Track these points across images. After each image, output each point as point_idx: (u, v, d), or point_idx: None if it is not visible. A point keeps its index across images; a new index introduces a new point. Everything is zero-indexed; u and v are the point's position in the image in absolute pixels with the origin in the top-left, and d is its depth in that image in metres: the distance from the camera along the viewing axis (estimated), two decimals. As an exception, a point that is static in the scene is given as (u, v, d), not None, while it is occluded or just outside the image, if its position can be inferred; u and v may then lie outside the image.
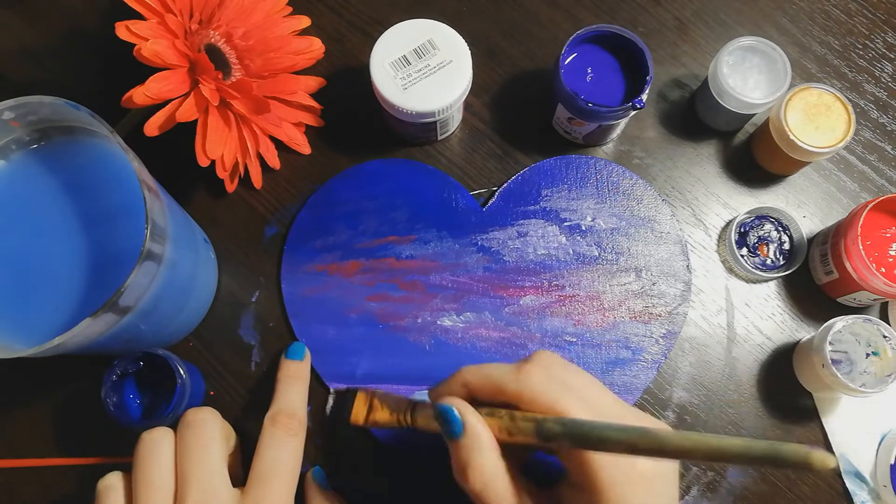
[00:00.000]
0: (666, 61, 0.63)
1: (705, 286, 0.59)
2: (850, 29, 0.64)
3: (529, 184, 0.59)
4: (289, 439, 0.47)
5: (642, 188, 0.59)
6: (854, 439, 0.55)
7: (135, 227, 0.45)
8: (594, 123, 0.56)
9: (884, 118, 0.62)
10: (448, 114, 0.55)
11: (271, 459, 0.46)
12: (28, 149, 0.49)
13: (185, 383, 0.51)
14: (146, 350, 0.51)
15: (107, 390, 0.50)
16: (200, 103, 0.49)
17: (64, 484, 0.55)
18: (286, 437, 0.47)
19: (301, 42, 0.57)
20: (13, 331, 0.46)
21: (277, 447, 0.46)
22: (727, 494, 0.55)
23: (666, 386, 0.57)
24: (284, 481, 0.46)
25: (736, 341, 0.58)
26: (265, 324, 0.58)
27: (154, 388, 0.52)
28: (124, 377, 0.52)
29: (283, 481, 0.45)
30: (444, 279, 0.58)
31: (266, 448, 0.46)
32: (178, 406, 0.50)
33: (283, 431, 0.47)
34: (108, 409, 0.50)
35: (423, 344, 0.57)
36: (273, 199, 0.60)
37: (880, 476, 0.54)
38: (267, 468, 0.45)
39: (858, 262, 0.52)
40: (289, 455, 0.47)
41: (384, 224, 0.59)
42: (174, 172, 0.56)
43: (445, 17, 0.56)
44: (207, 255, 0.56)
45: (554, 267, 0.58)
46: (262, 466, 0.45)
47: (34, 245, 0.48)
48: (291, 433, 0.47)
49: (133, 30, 0.47)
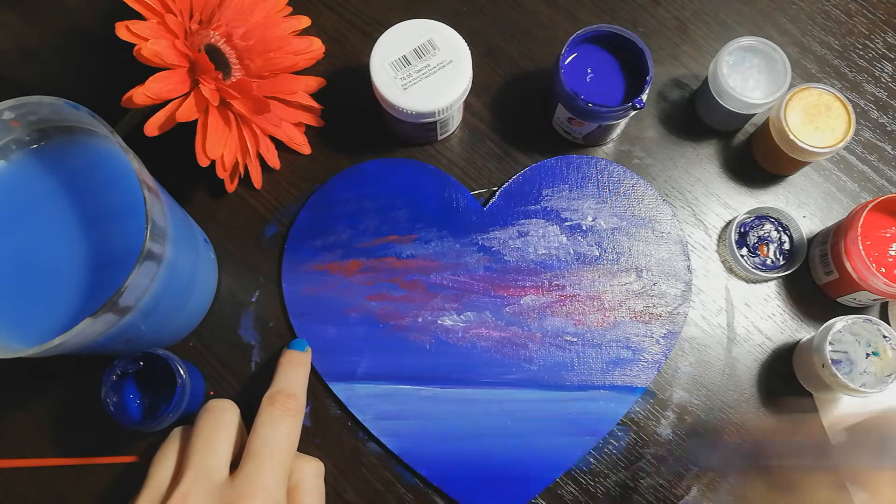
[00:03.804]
0: (666, 61, 0.63)
1: (705, 286, 0.59)
2: (850, 29, 0.64)
3: (530, 183, 0.59)
4: (286, 418, 0.47)
5: (643, 188, 0.59)
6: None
7: (135, 227, 0.45)
8: (594, 123, 0.56)
9: (884, 118, 0.62)
10: (448, 114, 0.55)
11: (267, 437, 0.46)
12: (28, 149, 0.49)
13: (185, 383, 0.51)
14: (146, 350, 0.51)
15: (107, 390, 0.50)
16: (200, 103, 0.49)
17: (64, 484, 0.55)
18: (283, 415, 0.47)
19: (301, 42, 0.57)
20: (13, 331, 0.46)
21: (273, 424, 0.46)
22: (727, 494, 0.55)
23: (666, 386, 0.57)
24: (278, 458, 0.45)
25: (736, 341, 0.58)
26: (265, 324, 0.58)
27: (154, 388, 0.52)
28: (124, 377, 0.52)
29: (277, 459, 0.45)
30: (444, 279, 0.58)
31: (262, 425, 0.46)
32: (178, 406, 0.50)
33: (281, 410, 0.47)
34: (108, 409, 0.50)
35: (424, 343, 0.57)
36: (273, 199, 0.60)
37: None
38: (261, 445, 0.45)
39: (858, 262, 0.52)
40: (284, 433, 0.46)
41: (385, 223, 0.59)
42: (174, 172, 0.56)
43: (445, 17, 0.56)
44: (207, 255, 0.56)
45: (554, 267, 0.58)
46: (256, 443, 0.45)
47: (34, 245, 0.48)
48: (290, 413, 0.47)
49: (133, 30, 0.47)
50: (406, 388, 0.56)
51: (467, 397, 0.56)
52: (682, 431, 0.56)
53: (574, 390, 0.56)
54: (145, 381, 0.52)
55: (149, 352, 0.51)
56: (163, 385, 0.52)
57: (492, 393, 0.56)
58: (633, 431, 0.56)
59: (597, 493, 0.55)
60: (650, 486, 0.55)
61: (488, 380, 0.56)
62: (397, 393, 0.56)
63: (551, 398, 0.56)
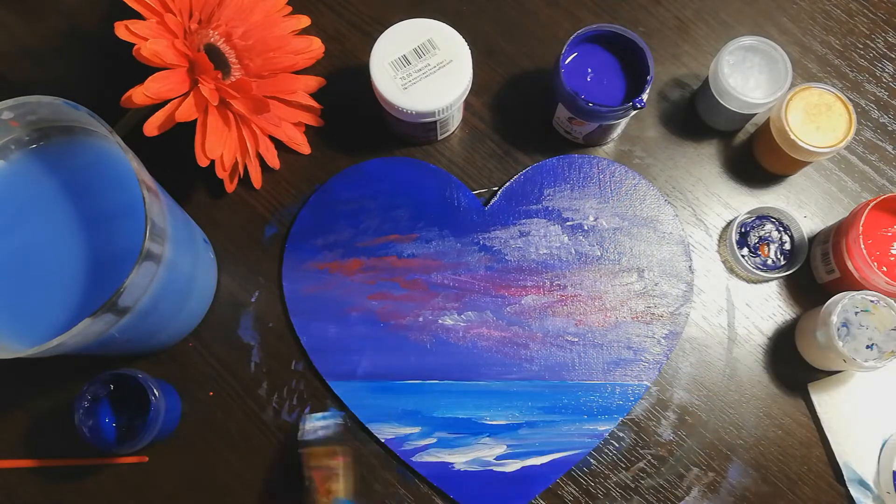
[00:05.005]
0: (666, 61, 0.63)
1: (706, 286, 0.59)
2: (850, 29, 0.64)
3: (532, 183, 0.59)
4: None
5: (645, 188, 0.59)
6: (855, 445, 0.55)
7: (134, 227, 0.45)
8: (594, 123, 0.56)
9: (884, 118, 0.62)
10: (448, 113, 0.55)
11: None
12: (28, 149, 0.49)
13: (158, 402, 0.50)
14: (116, 371, 0.50)
15: (80, 417, 0.49)
16: (200, 103, 0.49)
17: (64, 484, 0.55)
18: None
19: (301, 42, 0.57)
20: (13, 331, 0.46)
21: None
22: (727, 495, 0.55)
23: (667, 386, 0.57)
24: None
25: (737, 342, 0.58)
26: (265, 324, 0.57)
27: (128, 409, 0.52)
28: (97, 401, 0.51)
29: None
30: (445, 278, 0.58)
31: None
32: (152, 425, 0.50)
33: None
34: (83, 435, 0.49)
35: (424, 343, 0.57)
36: (273, 199, 0.60)
37: (883, 483, 0.54)
38: None
39: (860, 261, 0.52)
40: None
41: (386, 222, 0.59)
42: (174, 172, 0.56)
43: (445, 17, 0.56)
44: (207, 256, 0.56)
45: (556, 266, 0.58)
46: None
47: (34, 245, 0.48)
48: None
49: (132, 29, 0.47)
50: (406, 388, 0.56)
51: (468, 394, 0.56)
52: (683, 432, 0.56)
53: (575, 390, 0.56)
54: (119, 403, 0.52)
55: (120, 372, 0.51)
56: (137, 405, 0.52)
57: (492, 393, 0.56)
58: (633, 432, 0.56)
59: (597, 493, 0.55)
60: (650, 486, 0.55)
61: (489, 379, 0.56)
62: (397, 392, 0.56)
63: (552, 398, 0.56)
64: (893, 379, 0.56)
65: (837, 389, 0.56)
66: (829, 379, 0.56)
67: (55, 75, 0.63)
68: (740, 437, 0.56)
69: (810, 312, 0.56)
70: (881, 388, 0.56)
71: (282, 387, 0.56)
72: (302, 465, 0.51)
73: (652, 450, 0.56)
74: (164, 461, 0.55)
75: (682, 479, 0.55)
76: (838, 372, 0.56)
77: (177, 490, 0.55)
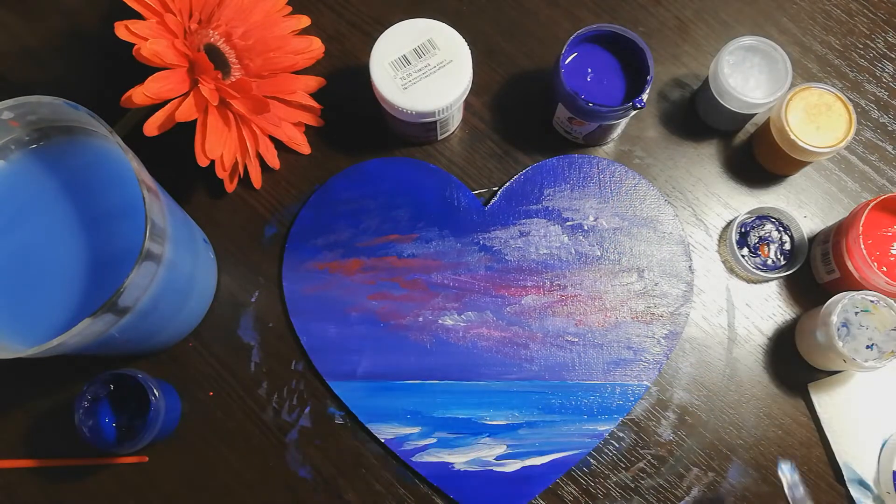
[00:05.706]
0: (666, 61, 0.63)
1: (706, 286, 0.59)
2: (850, 29, 0.64)
3: (532, 183, 0.59)
4: None
5: (645, 188, 0.59)
6: (855, 445, 0.55)
7: (134, 227, 0.45)
8: (594, 123, 0.56)
9: (885, 118, 0.62)
10: (448, 113, 0.55)
11: None
12: (28, 149, 0.49)
13: (158, 402, 0.50)
14: (115, 371, 0.50)
15: (80, 417, 0.49)
16: (200, 103, 0.49)
17: (64, 484, 0.55)
18: None
19: (301, 42, 0.57)
20: (13, 331, 0.46)
21: None
22: (727, 495, 0.55)
23: (667, 387, 0.57)
24: None
25: (737, 342, 0.58)
26: (265, 324, 0.57)
27: (128, 408, 0.52)
28: (97, 401, 0.51)
29: None
30: (445, 278, 0.58)
31: None
32: (153, 425, 0.50)
33: None
34: (83, 435, 0.49)
35: (425, 343, 0.57)
36: (273, 199, 0.60)
37: (884, 483, 0.54)
38: None
39: (860, 261, 0.52)
40: None
41: (386, 222, 0.59)
42: (174, 172, 0.56)
43: (445, 17, 0.56)
44: (207, 256, 0.56)
45: (556, 266, 0.58)
46: None
47: (34, 245, 0.48)
48: None
49: (132, 29, 0.47)
50: (406, 388, 0.56)
51: (468, 394, 0.56)
52: (683, 432, 0.56)
53: (575, 390, 0.56)
54: (119, 403, 0.52)
55: (120, 372, 0.51)
56: (137, 405, 0.52)
57: (492, 393, 0.56)
58: (633, 432, 0.56)
59: (597, 493, 0.55)
60: (651, 486, 0.55)
61: (489, 379, 0.56)
62: (397, 392, 0.56)
63: (551, 398, 0.56)
64: (893, 379, 0.56)
65: (837, 389, 0.56)
66: (829, 379, 0.56)
67: (55, 75, 0.63)
68: (740, 437, 0.56)
69: (810, 312, 0.56)
70: (881, 388, 0.56)
71: (282, 387, 0.56)
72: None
73: (652, 450, 0.56)
74: (164, 461, 0.55)
75: (682, 480, 0.55)
76: (838, 372, 0.56)
77: (177, 490, 0.55)
